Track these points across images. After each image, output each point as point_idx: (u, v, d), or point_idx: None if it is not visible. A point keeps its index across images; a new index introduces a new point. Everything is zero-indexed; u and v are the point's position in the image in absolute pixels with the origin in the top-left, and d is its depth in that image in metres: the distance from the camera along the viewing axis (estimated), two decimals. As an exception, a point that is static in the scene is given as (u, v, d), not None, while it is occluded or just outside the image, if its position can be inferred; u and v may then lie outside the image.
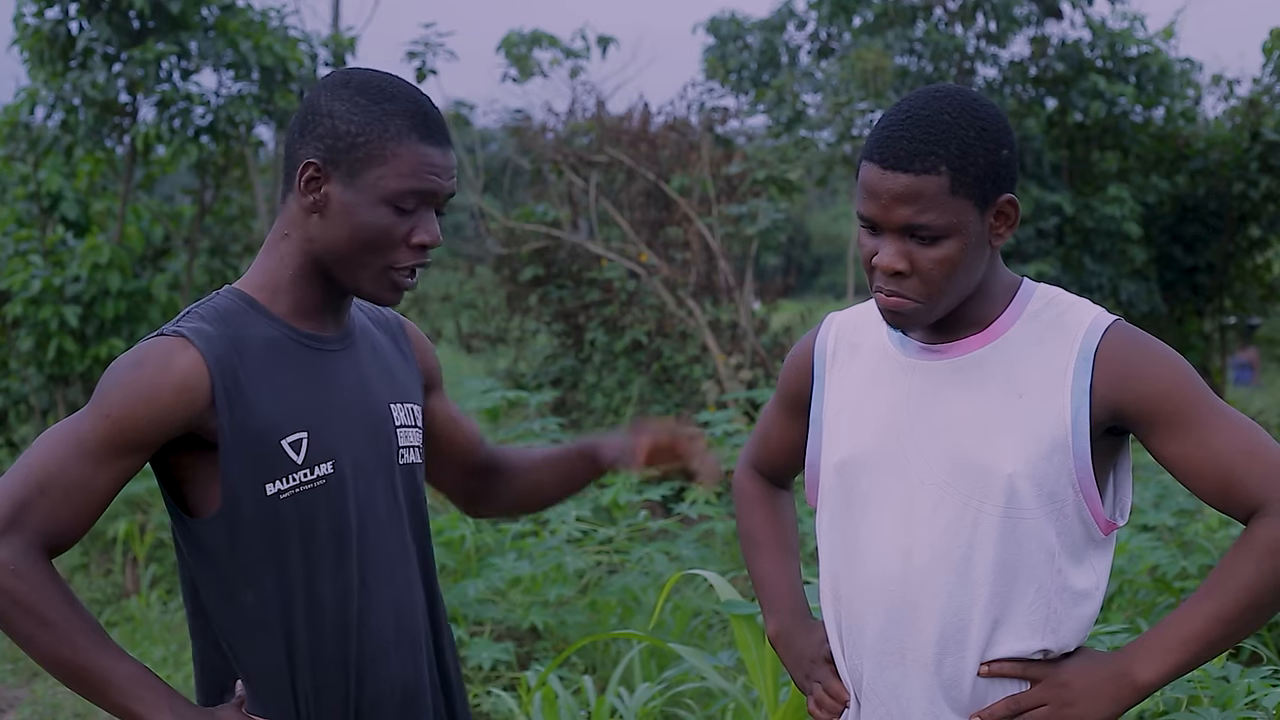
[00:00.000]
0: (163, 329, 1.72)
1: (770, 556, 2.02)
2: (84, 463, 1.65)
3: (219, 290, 1.80)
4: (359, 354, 1.83)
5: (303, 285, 1.77)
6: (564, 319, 9.52)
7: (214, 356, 1.67)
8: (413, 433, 1.87)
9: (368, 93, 1.73)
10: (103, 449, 1.65)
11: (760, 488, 2.06)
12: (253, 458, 1.68)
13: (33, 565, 1.62)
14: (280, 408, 1.71)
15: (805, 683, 1.92)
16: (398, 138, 1.71)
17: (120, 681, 1.64)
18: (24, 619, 1.62)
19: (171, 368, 1.66)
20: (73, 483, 1.65)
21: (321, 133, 1.72)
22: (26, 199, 9.08)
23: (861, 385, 1.83)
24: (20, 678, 5.61)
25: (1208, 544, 4.28)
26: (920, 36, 12.01)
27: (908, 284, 1.68)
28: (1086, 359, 1.69)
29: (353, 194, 1.71)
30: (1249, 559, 1.64)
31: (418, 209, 1.73)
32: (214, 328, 1.70)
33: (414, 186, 1.71)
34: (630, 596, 4.65)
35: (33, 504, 1.63)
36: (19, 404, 8.98)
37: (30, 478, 1.64)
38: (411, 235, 1.73)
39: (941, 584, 1.71)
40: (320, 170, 1.72)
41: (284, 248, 1.77)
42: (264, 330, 1.74)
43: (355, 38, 9.64)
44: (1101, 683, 1.69)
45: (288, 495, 1.70)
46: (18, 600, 1.61)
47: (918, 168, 1.63)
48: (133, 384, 1.66)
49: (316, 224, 1.74)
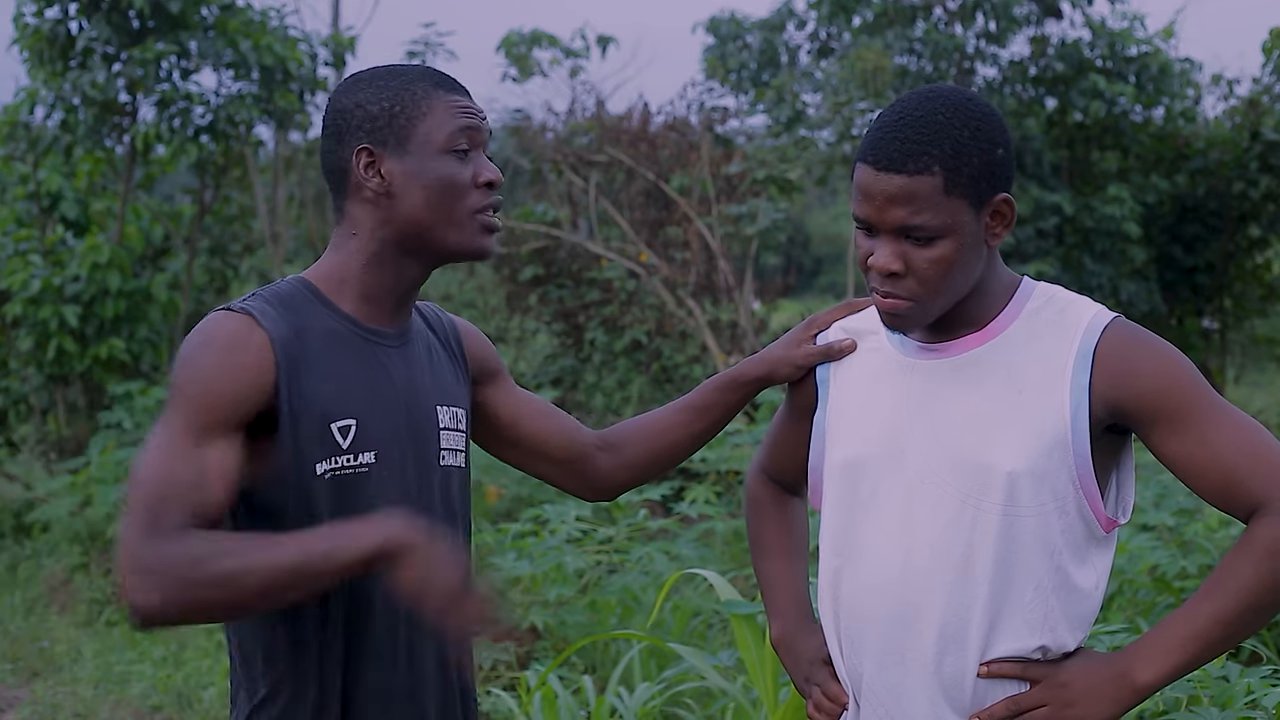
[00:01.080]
0: (228, 305, 1.74)
1: (777, 560, 2.03)
2: (188, 458, 1.64)
3: (284, 277, 1.83)
4: (413, 353, 1.86)
5: (372, 274, 1.80)
6: (564, 319, 9.52)
7: (278, 336, 1.71)
8: (455, 436, 1.89)
9: (381, 76, 1.81)
10: (197, 435, 1.65)
11: (770, 493, 2.07)
12: (306, 438, 1.71)
13: (185, 547, 1.57)
14: (334, 393, 1.74)
15: (805, 685, 1.92)
16: (426, 95, 1.79)
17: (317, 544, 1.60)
18: (216, 589, 1.57)
19: (244, 344, 1.69)
20: (185, 477, 1.63)
21: (357, 124, 1.78)
22: (26, 199, 9.08)
23: (862, 386, 1.84)
24: (20, 678, 5.61)
25: (1208, 544, 4.28)
26: (920, 36, 12.02)
27: (904, 284, 1.69)
28: (1086, 356, 1.69)
29: (411, 159, 1.77)
30: (1249, 560, 1.64)
31: (471, 151, 1.80)
32: (276, 310, 1.74)
33: (459, 124, 1.78)
34: (630, 596, 4.65)
35: (161, 515, 1.60)
36: (19, 404, 8.98)
37: (150, 499, 1.61)
38: (477, 176, 1.79)
39: (941, 583, 1.71)
40: (373, 153, 1.77)
41: (352, 244, 1.81)
42: (325, 320, 1.77)
43: (355, 37, 9.65)
44: (1102, 683, 1.68)
45: (330, 476, 1.73)
46: (200, 582, 1.56)
47: (911, 168, 1.63)
48: (210, 364, 1.68)
49: (387, 206, 1.78)
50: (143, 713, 5.08)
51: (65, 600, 6.68)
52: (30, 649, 5.92)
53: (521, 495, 6.82)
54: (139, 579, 1.56)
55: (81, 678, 5.46)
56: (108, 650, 5.76)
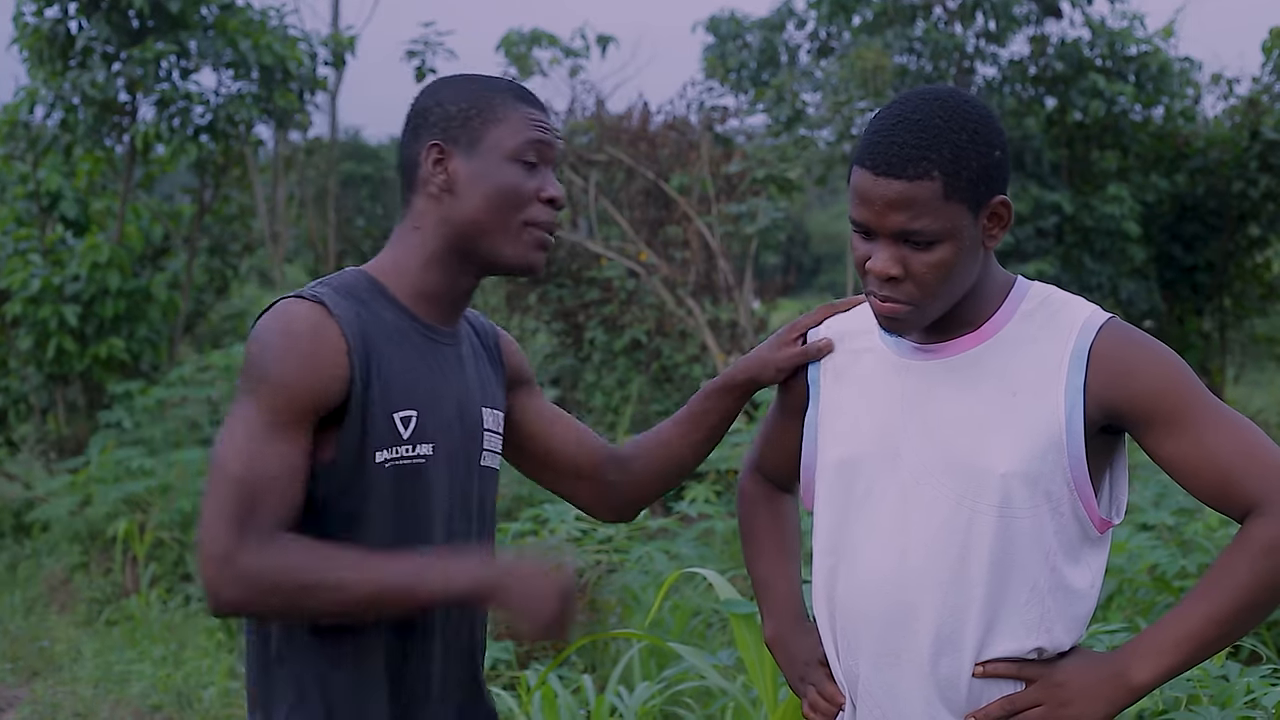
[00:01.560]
0: (300, 292, 1.75)
1: (771, 559, 2.02)
2: (277, 452, 1.67)
3: (346, 269, 1.86)
4: (464, 353, 1.90)
5: (431, 271, 1.83)
6: (563, 318, 9.52)
7: (348, 326, 1.74)
8: (495, 439, 1.92)
9: (465, 80, 1.85)
10: (283, 426, 1.68)
11: (762, 491, 2.07)
12: (370, 423, 1.74)
13: (271, 550, 1.64)
14: (397, 384, 1.77)
15: (800, 685, 1.92)
16: (504, 104, 1.83)
17: (402, 576, 1.68)
18: (299, 598, 1.65)
19: (326, 336, 1.71)
20: (276, 472, 1.67)
21: (434, 120, 1.82)
22: (26, 198, 9.08)
23: (856, 386, 1.83)
24: (20, 678, 5.61)
25: (1207, 543, 4.28)
26: (920, 35, 12.02)
27: (902, 288, 1.68)
28: (1080, 357, 1.69)
29: (478, 161, 1.80)
30: (1244, 559, 1.64)
31: (539, 165, 1.83)
32: (345, 300, 1.76)
33: (532, 137, 1.82)
34: (630, 595, 4.66)
35: (255, 512, 1.65)
36: (19, 403, 8.98)
37: (242, 492, 1.65)
38: (541, 190, 1.82)
39: (937, 584, 1.71)
40: (444, 150, 1.81)
41: (413, 239, 1.84)
42: (388, 313, 1.80)
43: (355, 37, 9.65)
44: (1097, 683, 1.69)
45: (391, 466, 1.75)
46: (279, 588, 1.64)
47: (910, 174, 1.63)
48: (292, 354, 1.70)
49: (449, 203, 1.81)
50: (143, 712, 5.08)
51: (65, 600, 6.68)
52: (30, 649, 5.92)
53: (521, 495, 6.82)
54: (229, 576, 1.63)
55: (81, 677, 5.46)
56: (108, 650, 5.76)
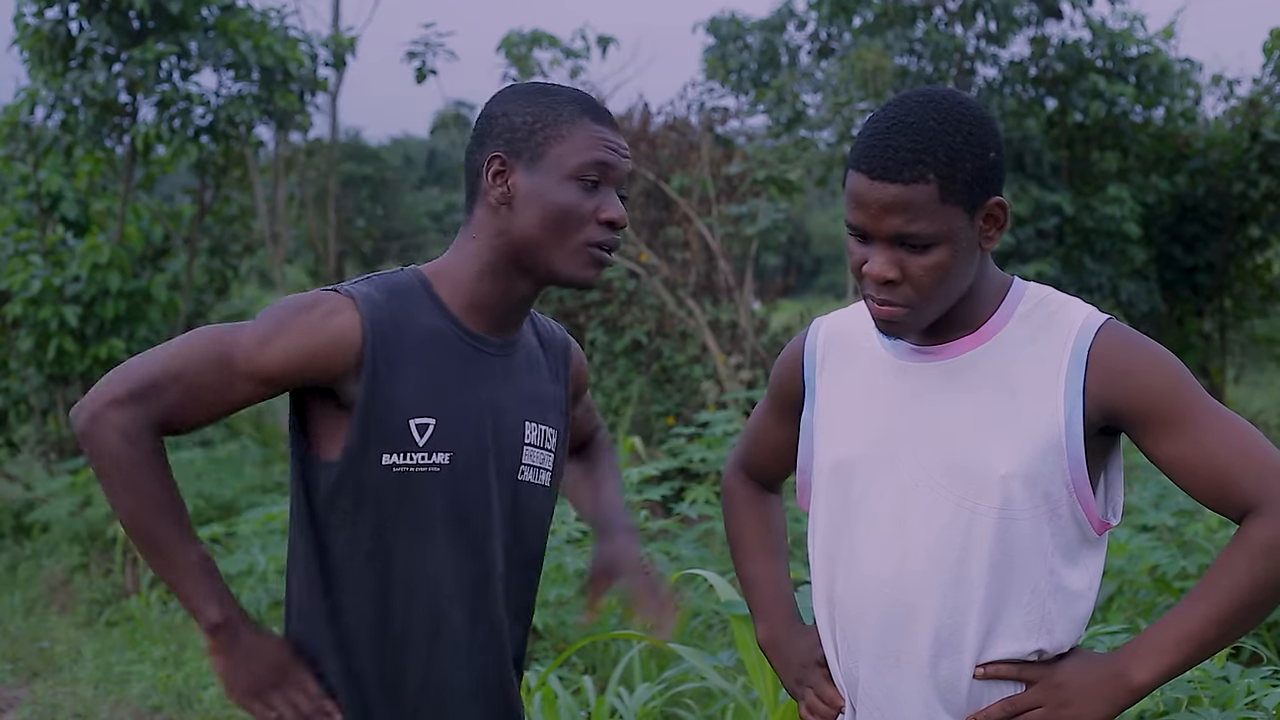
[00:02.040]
0: (339, 285, 1.79)
1: (759, 560, 2.02)
2: (221, 372, 1.73)
3: (404, 267, 1.87)
4: (513, 365, 1.88)
5: (484, 283, 1.83)
6: (564, 318, 9.52)
7: (373, 325, 1.75)
8: (540, 454, 1.91)
9: (536, 91, 1.84)
10: (241, 366, 1.73)
11: (748, 491, 2.06)
12: (378, 426, 1.75)
13: (143, 435, 1.71)
14: (419, 390, 1.77)
15: (796, 688, 1.91)
16: (571, 119, 1.81)
17: (183, 562, 1.73)
18: (117, 478, 1.71)
19: (333, 322, 1.74)
20: (205, 385, 1.73)
21: (499, 130, 1.81)
22: (26, 199, 9.08)
23: (853, 388, 1.83)
24: (20, 678, 5.61)
25: (1207, 544, 4.29)
26: (920, 36, 12.01)
27: (899, 291, 1.68)
28: (1079, 359, 1.69)
29: (539, 177, 1.79)
30: (1243, 560, 1.64)
31: (600, 186, 1.81)
32: (384, 298, 1.78)
33: (595, 158, 1.80)
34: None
35: (163, 387, 1.71)
36: (19, 404, 8.98)
37: (170, 364, 1.72)
38: (599, 211, 1.81)
39: (936, 586, 1.71)
40: (505, 163, 1.80)
41: (469, 248, 1.84)
42: (430, 318, 1.81)
43: (355, 38, 9.65)
44: (1097, 683, 1.69)
45: (400, 471, 1.76)
46: (121, 464, 1.70)
47: (906, 177, 1.62)
48: (290, 322, 1.74)
49: (506, 216, 1.81)
50: (143, 713, 5.08)
51: (65, 600, 6.68)
52: (30, 649, 5.92)
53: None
54: (98, 416, 1.70)
55: (81, 678, 5.46)
56: (108, 650, 5.76)
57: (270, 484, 8.16)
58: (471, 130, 1.87)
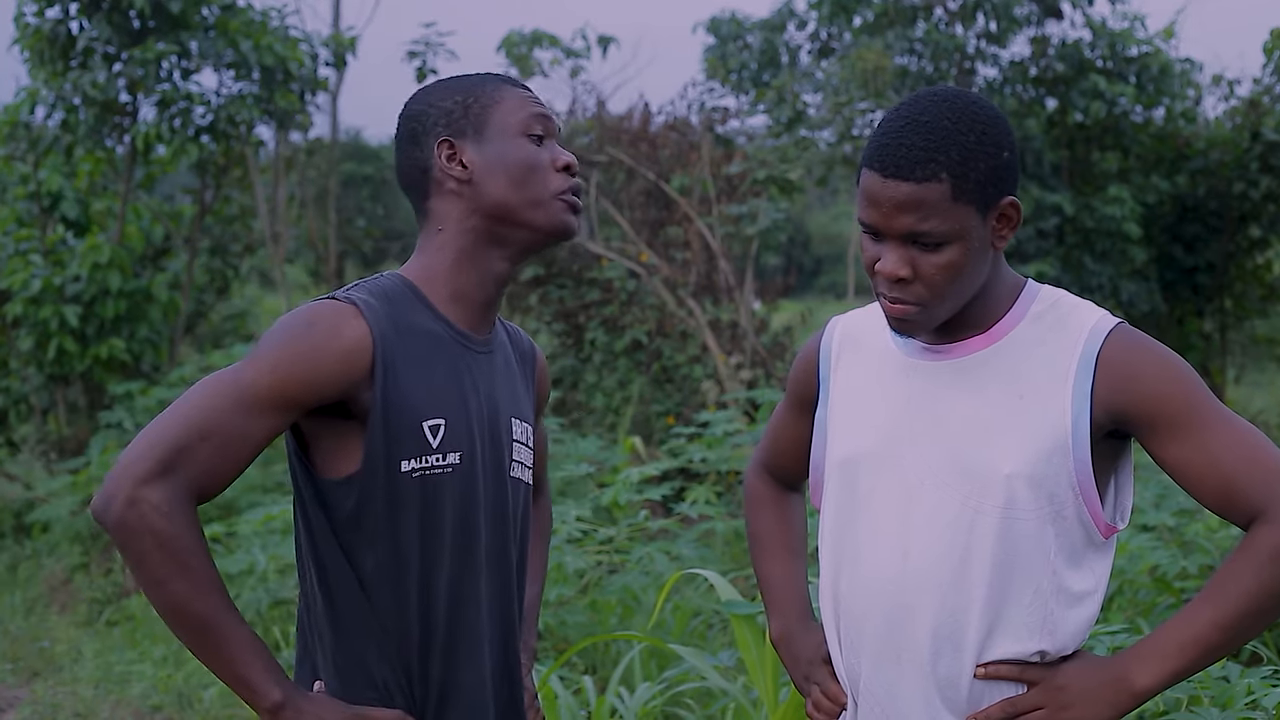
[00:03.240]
0: (334, 294, 1.76)
1: (777, 558, 2.03)
2: (243, 413, 1.67)
3: (383, 273, 1.85)
4: (496, 362, 1.89)
5: (462, 271, 1.83)
6: (564, 319, 9.51)
7: (379, 331, 1.73)
8: (525, 450, 1.92)
9: (449, 80, 1.88)
10: (263, 402, 1.68)
11: (770, 490, 2.07)
12: (395, 432, 1.73)
13: (184, 511, 1.63)
14: (428, 392, 1.76)
15: (804, 684, 1.92)
16: (496, 88, 1.85)
17: (239, 644, 1.67)
18: (165, 564, 1.63)
19: (341, 334, 1.71)
20: (231, 432, 1.66)
21: (433, 121, 1.83)
22: (27, 198, 9.08)
23: (864, 385, 1.84)
24: (20, 678, 5.61)
25: (1208, 544, 4.28)
26: (920, 36, 12.01)
27: (911, 290, 1.68)
28: (1089, 362, 1.69)
29: (490, 144, 1.82)
30: (1249, 565, 1.63)
31: (545, 139, 1.85)
32: (380, 303, 1.76)
33: (534, 112, 1.84)
34: (630, 596, 4.65)
35: (192, 449, 1.64)
36: (19, 403, 8.97)
37: (191, 423, 1.65)
38: (555, 160, 1.84)
39: (938, 584, 1.71)
40: (453, 144, 1.82)
41: (439, 240, 1.84)
42: (423, 319, 1.80)
43: (355, 38, 9.64)
44: (1099, 687, 1.68)
45: (418, 475, 1.75)
46: (165, 544, 1.62)
47: (919, 175, 1.63)
48: (300, 342, 1.70)
49: (471, 194, 1.82)
50: (143, 713, 5.08)
51: (65, 600, 6.68)
52: (30, 649, 5.92)
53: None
54: (125, 497, 1.61)
55: (81, 678, 5.46)
56: (108, 650, 5.75)
57: (271, 484, 8.15)
58: (397, 138, 1.87)
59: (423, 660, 1.78)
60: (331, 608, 1.78)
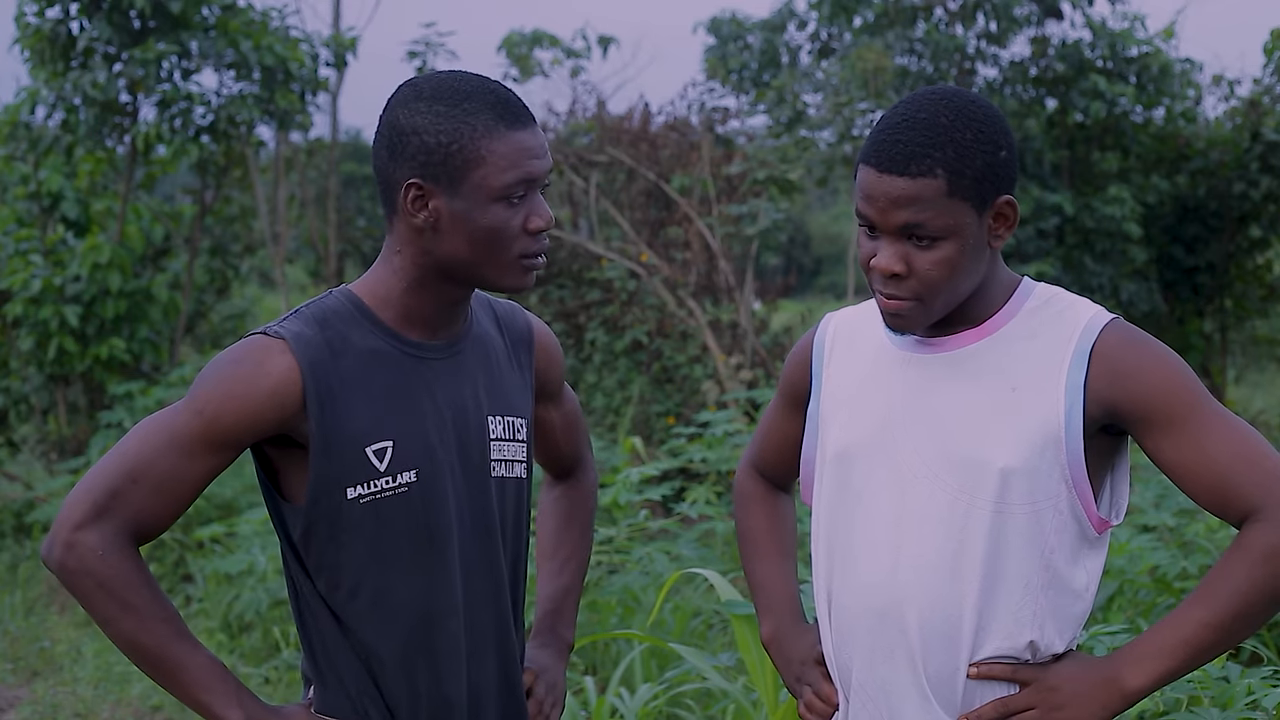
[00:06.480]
0: (266, 327, 1.75)
1: (767, 559, 2.02)
2: (176, 455, 1.69)
3: (333, 289, 1.83)
4: (463, 363, 1.84)
5: (415, 296, 1.79)
6: (564, 319, 9.52)
7: (309, 362, 1.71)
8: (511, 446, 1.88)
9: (443, 98, 1.73)
10: (195, 444, 1.70)
11: (760, 489, 2.07)
12: (337, 461, 1.72)
13: (120, 552, 1.67)
14: (369, 416, 1.74)
15: (796, 685, 1.92)
16: (488, 134, 1.71)
17: (194, 670, 1.70)
18: (108, 602, 1.68)
19: (267, 371, 1.70)
20: (164, 474, 1.69)
21: (412, 151, 1.72)
22: (27, 198, 9.08)
23: (857, 379, 1.84)
24: (20, 678, 5.61)
25: (1208, 544, 4.28)
26: (920, 36, 12.01)
27: (906, 285, 1.69)
28: (1082, 355, 1.69)
29: (461, 202, 1.72)
30: (1241, 565, 1.63)
31: (525, 196, 1.75)
32: (315, 331, 1.74)
33: (517, 177, 1.73)
34: (630, 596, 4.65)
35: (125, 493, 1.68)
36: (19, 404, 8.97)
37: (124, 467, 1.69)
38: (527, 222, 1.75)
39: (931, 579, 1.71)
40: (422, 188, 1.73)
41: (396, 262, 1.79)
42: (367, 339, 1.77)
43: (356, 38, 9.64)
44: (1091, 687, 1.69)
45: (367, 500, 1.74)
46: (104, 584, 1.67)
47: (914, 171, 1.64)
48: (227, 383, 1.70)
49: (431, 239, 1.75)
50: (143, 713, 5.08)
51: (65, 600, 6.68)
52: (30, 649, 5.92)
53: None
54: (64, 541, 1.67)
55: (81, 678, 5.46)
56: (108, 650, 5.75)
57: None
58: (377, 134, 1.79)
59: (395, 675, 1.77)
60: (303, 624, 1.80)
